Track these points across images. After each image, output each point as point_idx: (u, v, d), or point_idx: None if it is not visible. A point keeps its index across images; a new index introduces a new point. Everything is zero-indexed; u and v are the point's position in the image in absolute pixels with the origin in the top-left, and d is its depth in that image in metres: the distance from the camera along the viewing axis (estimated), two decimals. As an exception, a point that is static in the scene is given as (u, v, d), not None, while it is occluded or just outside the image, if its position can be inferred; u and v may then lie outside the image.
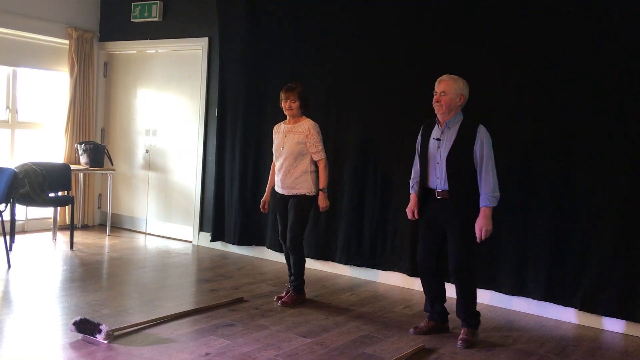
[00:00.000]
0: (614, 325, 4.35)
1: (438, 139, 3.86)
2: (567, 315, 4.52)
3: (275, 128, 4.69)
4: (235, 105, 6.17)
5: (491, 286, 4.80)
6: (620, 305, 4.26)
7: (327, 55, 5.60)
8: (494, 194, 3.75)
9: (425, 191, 3.93)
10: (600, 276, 4.31)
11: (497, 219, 4.67)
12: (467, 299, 3.90)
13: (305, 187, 4.46)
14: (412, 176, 4.09)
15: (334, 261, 5.62)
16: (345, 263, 5.54)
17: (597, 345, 4.07)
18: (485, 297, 4.84)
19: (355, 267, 5.52)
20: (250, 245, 6.15)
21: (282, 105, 4.53)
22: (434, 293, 4.05)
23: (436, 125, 3.90)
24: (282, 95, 4.51)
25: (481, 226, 3.75)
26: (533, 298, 4.63)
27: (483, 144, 3.75)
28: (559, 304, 4.53)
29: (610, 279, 4.28)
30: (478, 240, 3.78)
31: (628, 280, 4.23)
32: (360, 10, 5.40)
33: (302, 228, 4.55)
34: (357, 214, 5.44)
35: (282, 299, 4.55)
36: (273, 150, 4.64)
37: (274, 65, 5.90)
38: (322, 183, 4.48)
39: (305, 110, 4.56)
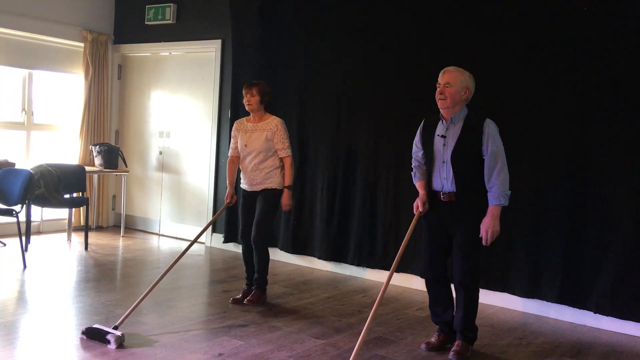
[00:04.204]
0: (629, 328, 4.30)
1: (443, 136, 3.55)
2: (582, 318, 4.49)
3: (236, 124, 4.59)
4: (248, 107, 6.18)
5: (505, 288, 4.77)
6: (636, 308, 4.22)
7: (340, 55, 5.60)
8: (506, 192, 3.45)
9: (429, 194, 3.66)
10: (615, 279, 4.27)
11: (512, 221, 4.69)
12: (468, 311, 3.63)
13: (275, 182, 4.42)
14: (413, 165, 3.77)
15: (346, 263, 5.62)
16: (358, 265, 5.54)
17: (612, 348, 4.03)
18: (499, 300, 4.82)
19: (368, 269, 5.51)
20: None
21: (244, 102, 4.48)
22: (446, 301, 3.76)
23: (440, 121, 3.60)
24: (243, 91, 4.45)
25: (487, 227, 3.45)
26: (547, 300, 4.59)
27: (493, 140, 3.45)
28: (573, 307, 4.50)
29: (625, 282, 4.24)
30: (484, 242, 3.49)
31: (644, 283, 4.20)
32: (373, 9, 5.40)
33: (269, 222, 4.49)
34: (369, 216, 5.43)
35: (248, 298, 4.48)
36: (235, 147, 4.55)
37: (286, 66, 5.91)
38: (288, 180, 4.40)
39: (267, 107, 4.49)
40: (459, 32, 4.94)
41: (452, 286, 3.76)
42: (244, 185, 4.56)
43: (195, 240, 4.52)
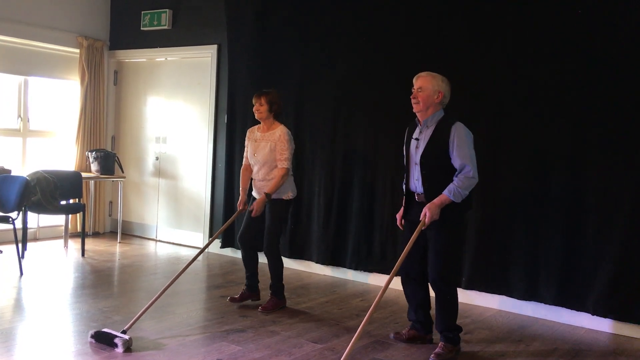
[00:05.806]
0: (627, 330, 4.31)
1: (417, 139, 3.66)
2: (579, 320, 4.49)
3: (248, 132, 4.64)
4: (244, 112, 6.18)
5: (502, 291, 4.78)
6: (633, 310, 4.23)
7: (336, 59, 5.61)
8: (461, 191, 3.45)
9: (408, 194, 3.75)
10: (612, 280, 4.28)
11: (509, 223, 4.70)
12: (445, 311, 3.65)
13: (282, 191, 4.43)
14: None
15: (344, 267, 5.62)
16: (356, 269, 5.53)
17: (610, 350, 4.04)
18: (496, 302, 4.82)
19: (366, 273, 5.51)
20: (260, 251, 6.13)
21: (253, 110, 4.51)
22: (417, 300, 3.82)
23: (417, 124, 3.72)
24: (253, 100, 4.49)
25: (427, 209, 3.46)
26: (545, 303, 4.60)
27: (459, 144, 3.47)
28: (571, 309, 4.50)
29: (622, 283, 4.25)
30: (420, 225, 3.50)
31: (641, 284, 4.20)
32: (369, 13, 5.40)
33: (279, 232, 4.53)
34: (367, 220, 5.43)
35: (263, 305, 4.50)
36: (246, 155, 4.60)
37: (283, 70, 5.92)
38: (271, 188, 4.36)
39: (277, 117, 4.51)
40: (458, 32, 4.94)
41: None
42: (254, 193, 4.59)
43: (206, 247, 4.64)
